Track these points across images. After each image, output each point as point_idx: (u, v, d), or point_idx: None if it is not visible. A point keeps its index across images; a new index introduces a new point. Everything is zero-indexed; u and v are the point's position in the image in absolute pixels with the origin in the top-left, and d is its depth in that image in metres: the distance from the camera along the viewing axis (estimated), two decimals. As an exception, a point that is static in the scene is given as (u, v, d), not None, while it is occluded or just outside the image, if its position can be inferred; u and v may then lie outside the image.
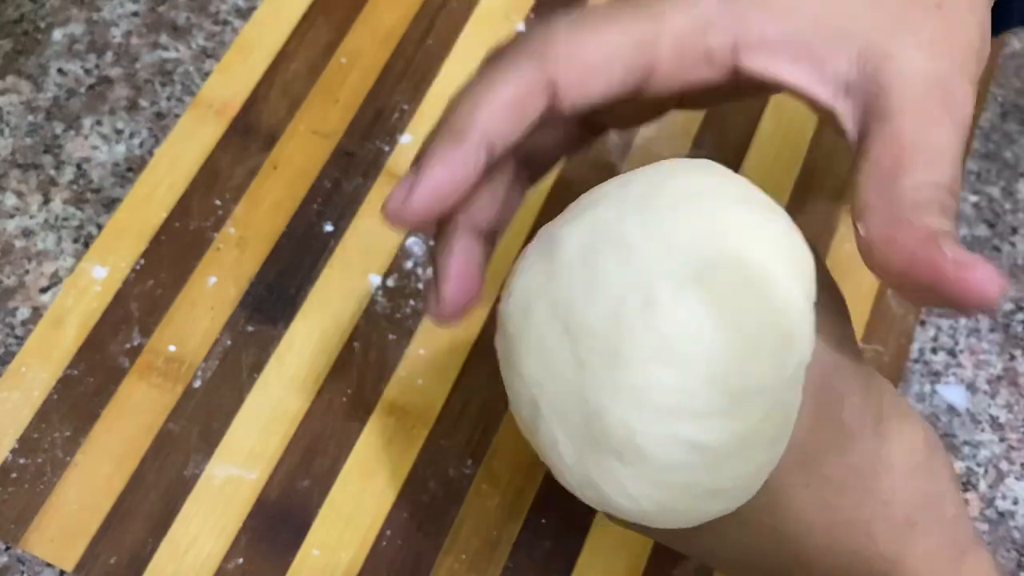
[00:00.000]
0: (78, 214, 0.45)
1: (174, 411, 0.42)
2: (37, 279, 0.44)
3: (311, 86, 0.48)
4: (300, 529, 0.40)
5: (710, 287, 0.26)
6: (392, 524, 0.40)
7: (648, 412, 0.26)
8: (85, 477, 0.40)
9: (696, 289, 0.26)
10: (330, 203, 0.46)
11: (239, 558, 0.39)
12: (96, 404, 0.41)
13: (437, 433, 0.42)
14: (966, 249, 0.27)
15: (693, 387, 0.26)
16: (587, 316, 0.27)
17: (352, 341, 0.43)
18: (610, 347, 0.27)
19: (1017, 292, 0.45)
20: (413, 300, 0.44)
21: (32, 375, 0.42)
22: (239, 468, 0.41)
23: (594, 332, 0.27)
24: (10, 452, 0.41)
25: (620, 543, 0.40)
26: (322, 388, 0.42)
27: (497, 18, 0.50)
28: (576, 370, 0.27)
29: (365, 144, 0.47)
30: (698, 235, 0.27)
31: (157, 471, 0.41)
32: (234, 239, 0.45)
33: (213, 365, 0.42)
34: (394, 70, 0.48)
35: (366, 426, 0.42)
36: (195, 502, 0.40)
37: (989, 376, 0.44)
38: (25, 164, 0.46)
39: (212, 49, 0.49)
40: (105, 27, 0.49)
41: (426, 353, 0.43)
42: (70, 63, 0.48)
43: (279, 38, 0.49)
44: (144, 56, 0.48)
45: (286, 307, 0.44)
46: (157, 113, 0.47)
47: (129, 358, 0.42)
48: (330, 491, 0.41)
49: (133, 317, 0.43)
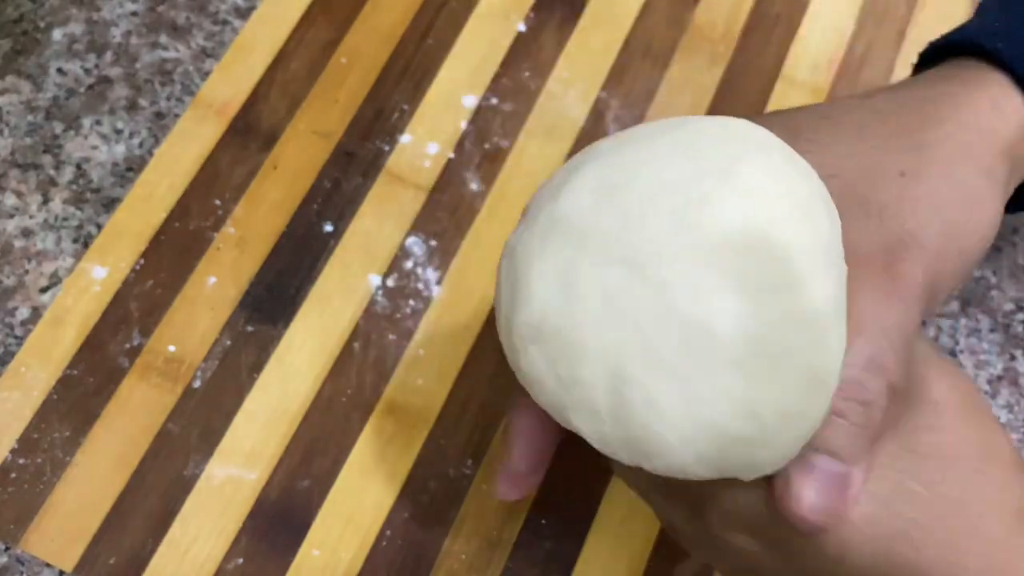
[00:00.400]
0: (78, 214, 0.45)
1: (174, 411, 0.42)
2: (37, 279, 0.44)
3: (311, 86, 0.48)
4: (300, 529, 0.40)
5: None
6: (392, 524, 0.40)
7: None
8: (85, 477, 0.40)
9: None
10: (330, 203, 0.45)
11: (239, 558, 0.39)
12: (96, 404, 0.41)
13: (437, 433, 0.42)
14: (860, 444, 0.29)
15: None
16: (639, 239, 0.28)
17: (352, 341, 0.43)
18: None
19: (1017, 292, 0.45)
20: (413, 300, 0.44)
21: (32, 375, 0.42)
22: (239, 468, 0.41)
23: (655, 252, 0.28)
24: (10, 452, 0.41)
25: (620, 543, 0.40)
26: (322, 388, 0.42)
27: (497, 18, 0.50)
28: (628, 295, 0.28)
29: (365, 144, 0.47)
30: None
31: (157, 471, 0.41)
32: (234, 239, 0.45)
33: (213, 365, 0.42)
34: (394, 70, 0.48)
35: (366, 426, 0.42)
36: (195, 502, 0.40)
37: (989, 376, 0.44)
38: (25, 164, 0.46)
39: (212, 49, 0.49)
40: (105, 27, 0.49)
41: (426, 353, 0.43)
42: (70, 63, 0.48)
43: (279, 38, 0.49)
44: (144, 56, 0.48)
45: (286, 307, 0.44)
46: (157, 113, 0.47)
47: (129, 358, 0.42)
48: (330, 491, 0.41)
49: (133, 317, 0.43)
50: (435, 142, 0.47)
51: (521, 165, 0.46)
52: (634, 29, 0.50)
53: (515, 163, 0.47)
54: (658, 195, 0.28)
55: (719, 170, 0.28)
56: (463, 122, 0.47)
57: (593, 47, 0.49)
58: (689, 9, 0.50)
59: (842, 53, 0.50)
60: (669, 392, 0.27)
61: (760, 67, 0.49)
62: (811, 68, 0.49)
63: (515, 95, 0.48)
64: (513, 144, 0.47)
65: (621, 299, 0.28)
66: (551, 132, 0.47)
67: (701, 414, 0.27)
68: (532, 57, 0.49)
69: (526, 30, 0.49)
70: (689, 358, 0.27)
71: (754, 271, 0.27)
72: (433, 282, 0.44)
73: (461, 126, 0.47)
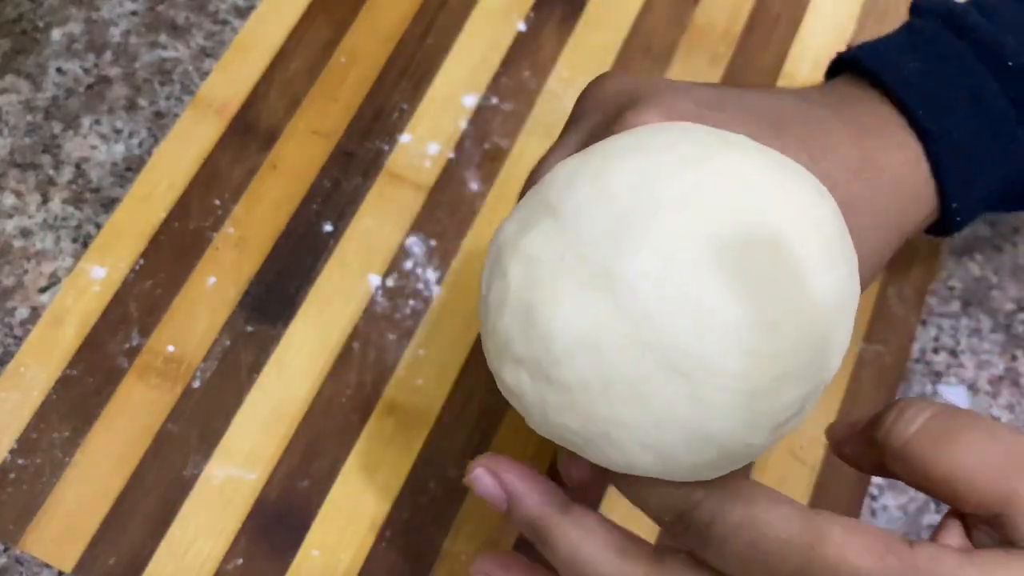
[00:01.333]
0: (77, 214, 0.45)
1: (173, 411, 0.41)
2: (36, 279, 0.44)
3: (311, 85, 0.48)
4: (300, 529, 0.40)
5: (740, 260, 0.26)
6: (392, 524, 0.40)
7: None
8: (84, 477, 0.40)
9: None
10: (330, 203, 0.45)
11: (239, 558, 0.39)
12: (95, 404, 0.41)
13: (437, 433, 0.42)
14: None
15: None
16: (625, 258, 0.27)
17: (352, 341, 0.43)
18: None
19: (1018, 292, 0.45)
20: (413, 300, 0.44)
21: (31, 375, 0.42)
22: (239, 468, 0.41)
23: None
24: (9, 452, 0.40)
25: (621, 543, 0.40)
26: (322, 388, 0.42)
27: (497, 17, 0.50)
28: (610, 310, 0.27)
29: (365, 144, 0.47)
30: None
31: (156, 471, 0.41)
32: (233, 239, 0.45)
33: (212, 365, 0.42)
34: (394, 69, 0.48)
35: (366, 426, 0.42)
36: (194, 502, 0.40)
37: (991, 376, 0.44)
38: (24, 164, 0.46)
39: (211, 48, 0.49)
40: (104, 26, 0.49)
41: (426, 353, 0.43)
42: (69, 62, 0.48)
43: (278, 37, 0.49)
44: (143, 55, 0.48)
45: (285, 307, 0.43)
46: (156, 112, 0.47)
47: (128, 358, 0.42)
48: (330, 491, 0.40)
49: (132, 317, 0.43)
50: (435, 142, 0.47)
51: (521, 165, 0.46)
52: (634, 29, 0.50)
53: (515, 163, 0.47)
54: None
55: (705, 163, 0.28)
56: (463, 122, 0.47)
57: (593, 47, 0.49)
58: (689, 9, 0.50)
59: (842, 53, 0.50)
60: (674, 398, 0.27)
61: (760, 67, 0.49)
62: (812, 67, 0.49)
63: (515, 95, 0.48)
64: (513, 144, 0.47)
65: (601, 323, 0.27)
66: (551, 132, 0.47)
67: (701, 426, 0.27)
68: (532, 57, 0.49)
69: (526, 29, 0.49)
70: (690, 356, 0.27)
71: (751, 267, 0.27)
72: (433, 282, 0.44)
73: (461, 126, 0.47)
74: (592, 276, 0.27)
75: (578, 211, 0.28)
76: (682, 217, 0.27)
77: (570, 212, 0.28)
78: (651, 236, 0.27)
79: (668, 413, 0.27)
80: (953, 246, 0.46)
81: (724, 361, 0.26)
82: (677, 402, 0.26)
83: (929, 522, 0.41)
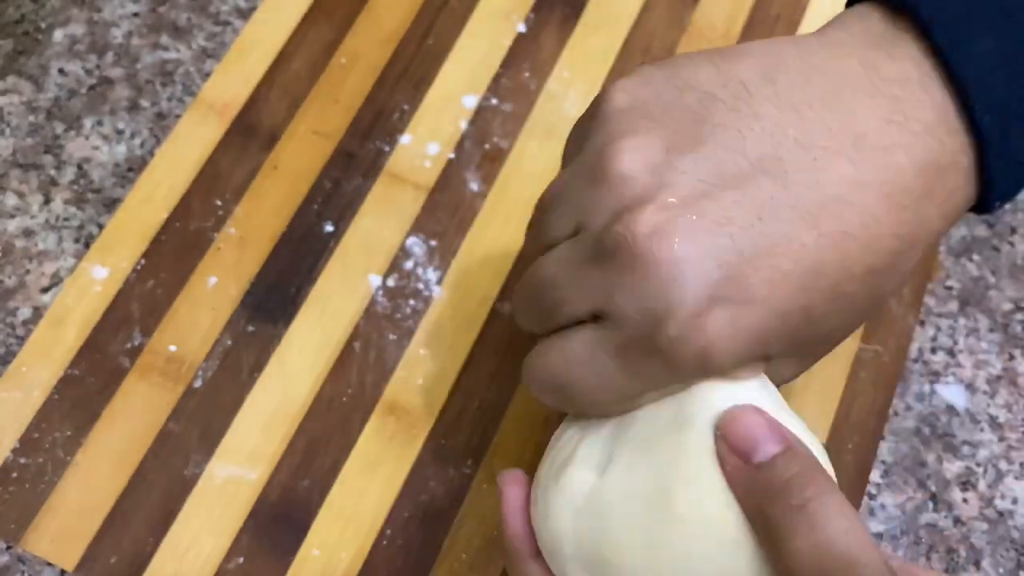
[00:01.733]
0: (79, 214, 0.45)
1: (175, 411, 0.42)
2: (38, 279, 0.44)
3: (311, 86, 0.48)
4: (300, 529, 0.40)
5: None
6: (392, 524, 0.40)
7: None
8: (86, 477, 0.40)
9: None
10: (330, 203, 0.46)
11: (239, 558, 0.40)
12: (97, 404, 0.42)
13: (437, 433, 0.42)
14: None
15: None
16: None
17: (352, 341, 0.43)
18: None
19: (1016, 292, 0.45)
20: (413, 300, 0.44)
21: (33, 375, 0.42)
22: (239, 468, 0.41)
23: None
24: (11, 452, 0.41)
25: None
26: (322, 388, 0.42)
27: (497, 18, 0.50)
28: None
29: (365, 144, 0.47)
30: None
31: (157, 471, 0.41)
32: (234, 239, 0.45)
33: (214, 365, 0.42)
34: (394, 70, 0.48)
35: (366, 426, 0.42)
36: (195, 502, 0.40)
37: (988, 376, 0.44)
38: (26, 164, 0.46)
39: (213, 49, 0.49)
40: (106, 27, 0.49)
41: (426, 353, 0.43)
42: (71, 63, 0.48)
43: (279, 38, 0.49)
44: (145, 56, 0.48)
45: (286, 307, 0.44)
46: (158, 113, 0.47)
47: (130, 358, 0.42)
48: (330, 491, 0.41)
49: (134, 317, 0.43)
50: (435, 142, 0.47)
51: (521, 165, 0.47)
52: (634, 29, 0.50)
53: (515, 163, 0.47)
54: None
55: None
56: (463, 122, 0.47)
57: (593, 47, 0.49)
58: (689, 9, 0.50)
59: (842, 53, 0.50)
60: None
61: (760, 67, 0.49)
62: (811, 68, 0.49)
63: (515, 95, 0.48)
64: (513, 144, 0.47)
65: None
66: (551, 132, 0.47)
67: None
68: (532, 57, 0.49)
69: (526, 30, 0.49)
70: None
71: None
72: (433, 282, 0.44)
73: (461, 126, 0.47)
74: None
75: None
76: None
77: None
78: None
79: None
80: (951, 246, 0.46)
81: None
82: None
83: (926, 521, 0.41)
